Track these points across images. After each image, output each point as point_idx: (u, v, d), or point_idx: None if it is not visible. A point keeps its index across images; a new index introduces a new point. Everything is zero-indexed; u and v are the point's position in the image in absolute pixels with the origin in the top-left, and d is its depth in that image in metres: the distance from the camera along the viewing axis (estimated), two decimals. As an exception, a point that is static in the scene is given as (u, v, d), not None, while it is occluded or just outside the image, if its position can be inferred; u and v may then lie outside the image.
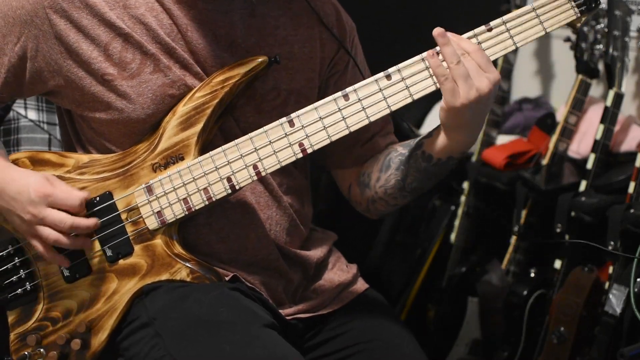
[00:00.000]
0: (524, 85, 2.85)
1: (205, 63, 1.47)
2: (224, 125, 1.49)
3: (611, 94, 2.25)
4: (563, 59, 2.65)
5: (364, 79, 1.41)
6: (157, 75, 1.45)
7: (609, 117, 2.25)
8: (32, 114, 2.09)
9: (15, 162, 1.51)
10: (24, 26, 1.44)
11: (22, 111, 2.08)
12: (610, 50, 2.27)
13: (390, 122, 1.67)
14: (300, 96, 1.54)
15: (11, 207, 1.44)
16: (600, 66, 2.38)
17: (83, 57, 1.44)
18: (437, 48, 1.37)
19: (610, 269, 2.12)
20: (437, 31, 1.36)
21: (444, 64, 1.36)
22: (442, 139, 1.43)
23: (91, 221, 1.44)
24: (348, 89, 1.40)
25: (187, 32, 1.46)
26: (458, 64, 1.34)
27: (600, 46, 2.32)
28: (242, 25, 1.50)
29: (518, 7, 2.56)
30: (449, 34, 1.36)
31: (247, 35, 1.50)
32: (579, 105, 2.40)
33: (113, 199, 1.47)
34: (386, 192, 1.55)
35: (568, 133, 2.42)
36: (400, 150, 1.54)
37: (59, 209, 1.42)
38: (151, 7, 1.46)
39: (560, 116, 2.46)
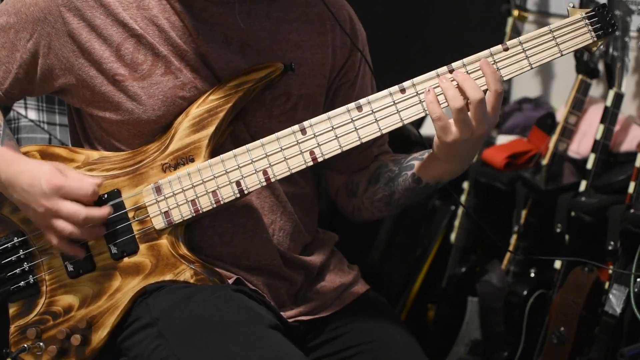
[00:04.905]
0: (524, 85, 2.85)
1: (216, 66, 1.47)
2: (233, 130, 1.49)
3: (611, 94, 2.25)
4: (563, 59, 2.63)
5: (372, 88, 1.39)
6: (168, 77, 1.45)
7: (609, 117, 2.25)
8: (32, 114, 2.09)
9: (25, 155, 1.49)
10: (37, 23, 1.45)
11: (22, 111, 2.08)
12: (610, 50, 2.28)
13: None
14: (309, 101, 1.54)
15: (24, 199, 1.42)
16: (600, 66, 2.39)
17: (95, 57, 1.44)
18: (437, 81, 1.36)
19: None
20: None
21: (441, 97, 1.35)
22: (432, 166, 1.46)
23: (104, 210, 1.43)
24: (362, 100, 1.39)
25: (199, 34, 1.46)
26: (461, 110, 1.33)
27: (600, 46, 2.32)
28: (255, 29, 1.49)
29: (518, 7, 2.56)
30: (459, 74, 1.34)
31: (260, 39, 1.49)
32: (579, 105, 2.40)
33: (121, 196, 1.47)
34: (373, 204, 1.57)
35: (568, 133, 2.42)
36: (391, 167, 1.55)
37: (72, 200, 1.41)
38: (164, 8, 1.46)
39: (560, 116, 2.46)
